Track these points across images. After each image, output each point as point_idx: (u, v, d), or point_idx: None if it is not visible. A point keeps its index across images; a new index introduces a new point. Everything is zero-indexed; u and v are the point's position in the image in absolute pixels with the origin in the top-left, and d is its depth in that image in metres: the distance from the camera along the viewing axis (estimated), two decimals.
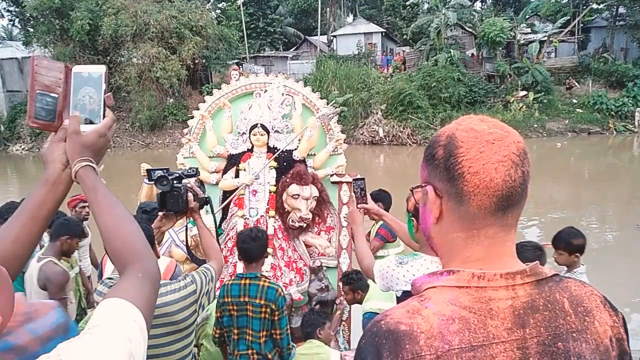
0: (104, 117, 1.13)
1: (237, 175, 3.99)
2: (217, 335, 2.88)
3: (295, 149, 3.96)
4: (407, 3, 31.00)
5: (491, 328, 0.80)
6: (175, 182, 2.04)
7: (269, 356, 2.78)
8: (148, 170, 2.14)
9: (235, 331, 2.77)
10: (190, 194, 2.11)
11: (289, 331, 2.87)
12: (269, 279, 2.85)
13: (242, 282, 2.76)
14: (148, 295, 0.95)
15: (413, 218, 2.15)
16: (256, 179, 3.95)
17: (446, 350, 0.78)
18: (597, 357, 0.83)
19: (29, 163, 24.40)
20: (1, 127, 27.70)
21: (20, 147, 26.83)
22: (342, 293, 3.77)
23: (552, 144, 21.68)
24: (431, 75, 23.89)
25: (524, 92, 24.39)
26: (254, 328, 2.75)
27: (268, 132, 3.94)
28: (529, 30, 28.25)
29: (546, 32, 27.38)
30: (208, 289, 2.06)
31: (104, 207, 1.06)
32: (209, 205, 2.29)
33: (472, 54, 26.88)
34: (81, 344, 0.77)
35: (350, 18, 38.40)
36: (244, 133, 4.01)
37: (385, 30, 33.34)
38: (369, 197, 2.62)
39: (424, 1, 27.52)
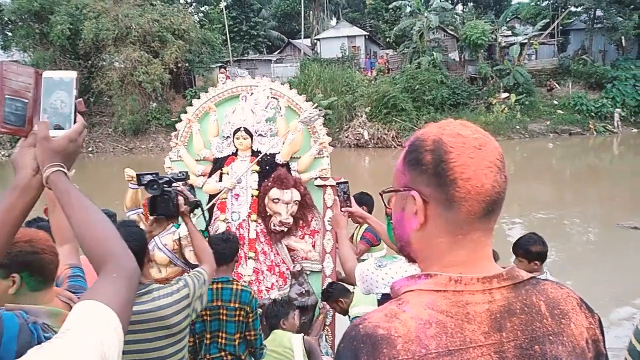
0: (74, 122, 1.13)
1: (220, 179, 3.99)
2: (191, 344, 2.79)
3: (278, 153, 3.95)
4: (390, 6, 31.22)
5: (468, 332, 0.81)
6: (165, 186, 2.02)
7: (242, 357, 2.81)
8: (137, 175, 2.12)
9: (208, 336, 2.78)
10: (181, 198, 2.09)
11: (261, 331, 2.93)
12: (239, 282, 2.89)
13: (214, 286, 2.74)
14: (124, 295, 0.95)
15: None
16: (238, 182, 3.94)
17: (423, 354, 0.78)
18: (573, 359, 0.84)
19: (10, 169, 23.95)
20: None
21: (0, 153, 26.36)
22: (337, 308, 3.78)
23: (535, 145, 22.01)
24: (414, 77, 24.11)
25: (506, 94, 24.73)
26: (228, 331, 2.77)
27: (251, 136, 3.94)
28: (509, 32, 28.67)
29: (527, 34, 27.85)
30: (201, 293, 2.05)
31: (76, 209, 1.06)
32: (199, 208, 2.28)
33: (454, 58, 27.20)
34: (51, 348, 0.77)
35: (333, 21, 38.53)
36: (228, 137, 4.01)
37: (368, 34, 33.55)
38: (352, 200, 2.62)
39: (407, 4, 27.73)
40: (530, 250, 3.06)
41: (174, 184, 2.11)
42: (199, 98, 4.24)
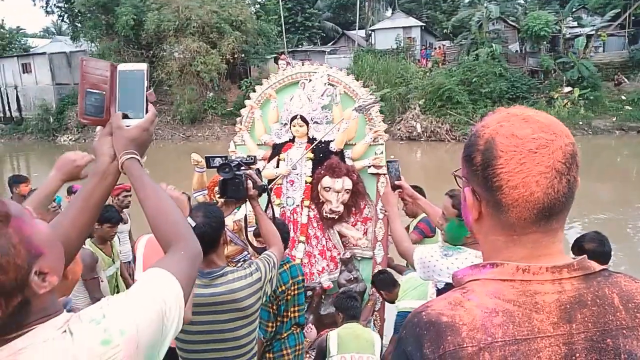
0: (146, 112, 1.20)
1: (278, 165, 4.10)
2: (272, 328, 2.87)
3: (333, 140, 4.00)
4: None
5: (536, 322, 0.79)
6: (235, 169, 2.09)
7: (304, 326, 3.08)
8: (207, 158, 2.20)
9: (286, 314, 2.90)
10: (250, 182, 2.14)
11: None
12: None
13: (286, 267, 2.90)
14: (187, 271, 1.03)
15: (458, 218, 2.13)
16: (293, 169, 4.03)
17: (489, 342, 0.77)
18: None
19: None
20: (50, 119, 28.90)
21: (68, 137, 27.92)
22: (385, 295, 3.80)
23: (598, 142, 20.89)
24: (472, 70, 23.39)
25: (569, 88, 23.54)
26: (300, 303, 2.96)
27: (307, 123, 4.01)
28: (575, 23, 27.22)
29: (594, 25, 26.32)
30: (271, 276, 2.10)
31: (149, 195, 1.15)
32: (265, 193, 2.32)
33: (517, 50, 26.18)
34: (121, 297, 0.89)
35: (389, 12, 37.96)
36: (286, 124, 4.11)
37: (424, 24, 32.84)
38: (403, 179, 2.61)
39: None
40: (584, 247, 2.91)
41: (242, 168, 2.17)
42: (253, 90, 4.36)
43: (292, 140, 4.09)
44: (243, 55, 27.29)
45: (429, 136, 22.43)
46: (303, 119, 3.99)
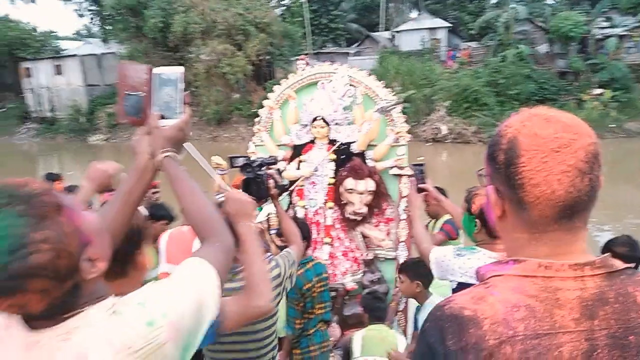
0: (182, 113, 1.27)
1: (299, 167, 4.12)
2: (300, 325, 2.98)
3: (354, 142, 4.01)
4: None
5: (558, 317, 0.80)
6: (257, 169, 2.15)
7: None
8: (230, 157, 2.27)
9: (311, 311, 2.97)
10: (271, 181, 2.20)
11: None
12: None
13: (310, 265, 2.96)
14: (222, 262, 1.10)
15: (477, 219, 2.15)
16: (315, 171, 4.05)
17: (510, 335, 0.78)
18: None
19: (106, 152, 25.96)
20: (82, 119, 29.67)
21: (98, 137, 28.62)
22: (399, 281, 3.81)
23: (631, 146, 20.33)
24: (499, 71, 23.08)
25: (600, 90, 22.99)
26: (325, 299, 3.01)
27: (328, 125, 4.02)
28: (606, 24, 26.56)
29: (626, 25, 25.64)
30: (290, 273, 2.14)
31: (186, 191, 1.22)
32: (285, 192, 2.37)
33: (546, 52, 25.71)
34: (164, 283, 0.95)
35: (414, 13, 37.74)
36: (306, 125, 4.11)
37: (450, 25, 32.54)
38: (429, 181, 2.62)
39: None
40: (614, 251, 2.81)
41: (263, 168, 2.23)
42: (272, 91, 4.35)
43: (313, 142, 4.10)
44: (268, 57, 27.50)
45: (454, 138, 22.20)
46: (324, 120, 4.00)
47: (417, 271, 3.20)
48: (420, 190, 2.66)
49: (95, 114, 29.40)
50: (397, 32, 32.38)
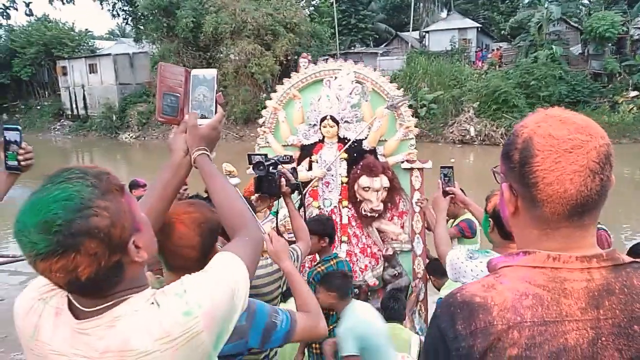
0: (215, 112, 1.33)
1: (310, 166, 4.15)
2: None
3: (365, 139, 4.04)
4: None
5: (564, 306, 0.83)
6: (271, 167, 2.21)
7: None
8: (249, 155, 2.34)
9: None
10: (283, 179, 2.27)
11: None
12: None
13: (332, 262, 3.05)
14: (252, 256, 1.15)
15: (490, 219, 2.16)
16: (328, 170, 4.09)
17: (518, 322, 0.82)
18: None
19: (136, 150, 26.59)
20: (113, 117, 30.43)
21: (129, 135, 29.30)
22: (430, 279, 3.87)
23: None
24: (530, 72, 22.60)
25: (636, 93, 22.31)
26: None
27: (338, 123, 4.04)
28: None
29: None
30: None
31: (218, 187, 1.28)
32: (298, 191, 2.44)
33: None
34: (199, 276, 1.02)
35: (444, 13, 37.34)
36: (315, 124, 4.13)
37: (480, 26, 32.08)
38: (456, 184, 2.62)
39: None
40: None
41: (278, 166, 2.28)
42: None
43: (322, 141, 4.12)
44: (296, 57, 27.63)
45: (482, 140, 21.88)
46: (333, 119, 4.02)
47: (443, 270, 3.18)
48: (446, 193, 2.67)
49: (127, 112, 30.11)
50: (427, 32, 32.11)
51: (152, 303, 0.93)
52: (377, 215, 4.04)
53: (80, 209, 0.85)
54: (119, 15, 35.38)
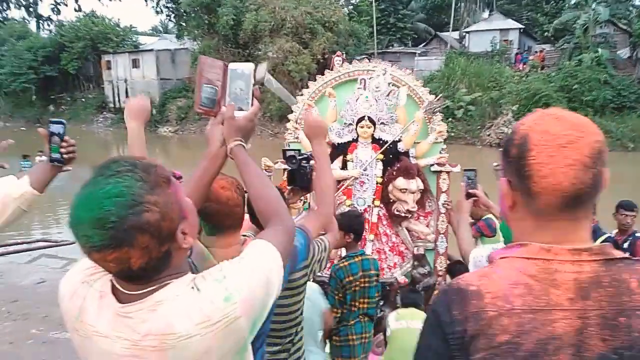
0: (252, 105, 1.37)
1: (344, 165, 4.18)
2: (338, 314, 3.11)
3: (400, 141, 4.08)
4: None
5: (553, 296, 0.87)
6: (303, 161, 2.26)
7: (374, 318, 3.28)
8: (283, 150, 2.41)
9: (354, 303, 3.08)
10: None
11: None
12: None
13: (357, 259, 3.07)
14: (284, 244, 1.18)
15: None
16: (364, 170, 4.13)
17: (508, 309, 0.87)
18: None
19: (174, 143, 27.24)
20: (154, 111, 31.22)
21: (168, 129, 30.03)
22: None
23: None
24: (573, 76, 21.92)
25: None
26: (371, 295, 3.11)
27: (374, 124, 4.08)
28: None
29: None
30: (321, 257, 2.24)
31: (253, 177, 1.32)
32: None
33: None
34: (236, 262, 1.05)
35: (485, 13, 36.55)
36: (350, 124, 4.16)
37: (523, 27, 31.27)
38: (480, 187, 2.62)
39: None
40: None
41: (311, 161, 2.33)
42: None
43: (355, 140, 4.15)
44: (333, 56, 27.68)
45: None
46: (371, 120, 4.06)
47: (464, 272, 3.40)
48: (469, 195, 2.67)
49: (166, 107, 30.86)
50: (467, 32, 31.54)
51: (193, 288, 0.97)
52: (410, 215, 4.12)
53: (132, 206, 0.89)
54: (162, 11, 36.38)
